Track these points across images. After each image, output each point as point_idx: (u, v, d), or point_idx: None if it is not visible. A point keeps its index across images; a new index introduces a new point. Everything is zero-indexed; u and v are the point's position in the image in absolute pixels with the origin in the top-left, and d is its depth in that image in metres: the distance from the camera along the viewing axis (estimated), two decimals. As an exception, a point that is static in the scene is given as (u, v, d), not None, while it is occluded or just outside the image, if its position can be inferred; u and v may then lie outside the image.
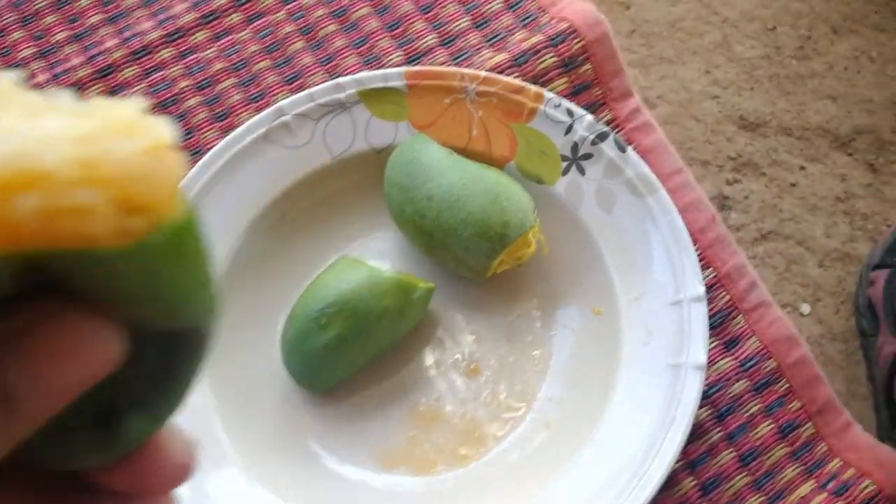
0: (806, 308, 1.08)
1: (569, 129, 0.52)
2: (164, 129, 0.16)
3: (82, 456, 0.21)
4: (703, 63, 1.26)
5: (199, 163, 0.52)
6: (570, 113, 0.52)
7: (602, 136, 0.52)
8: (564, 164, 0.52)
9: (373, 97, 0.54)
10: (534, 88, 0.53)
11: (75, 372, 0.18)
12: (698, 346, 0.46)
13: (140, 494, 0.22)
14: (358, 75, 0.54)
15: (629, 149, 0.51)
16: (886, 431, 0.99)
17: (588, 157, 0.52)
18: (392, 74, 0.54)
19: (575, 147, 0.52)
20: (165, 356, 0.20)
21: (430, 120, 0.54)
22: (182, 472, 0.22)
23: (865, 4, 1.27)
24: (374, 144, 0.54)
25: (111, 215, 0.15)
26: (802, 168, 1.19)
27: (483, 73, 0.54)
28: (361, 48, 0.61)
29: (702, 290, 0.47)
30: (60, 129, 0.15)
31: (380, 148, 0.54)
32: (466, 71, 0.54)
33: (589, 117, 0.52)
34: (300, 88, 0.60)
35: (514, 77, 0.58)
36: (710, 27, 1.29)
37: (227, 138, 0.53)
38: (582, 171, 0.52)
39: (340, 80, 0.54)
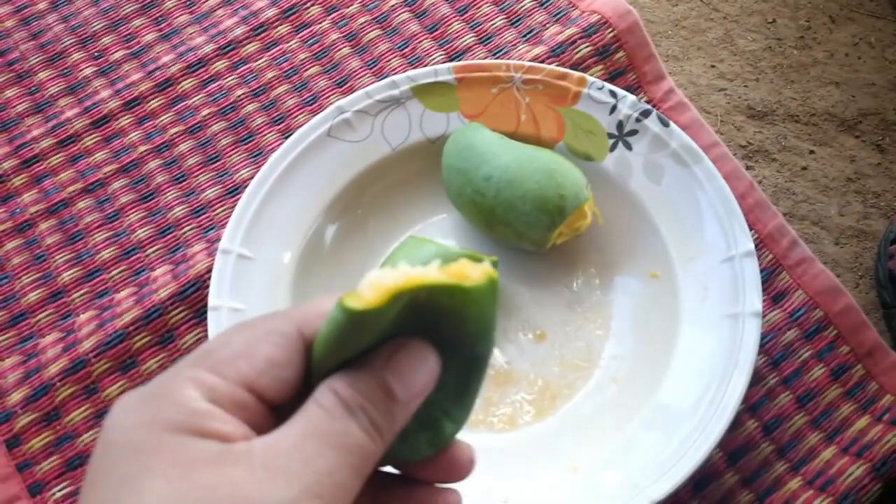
0: (826, 286, 1.11)
1: (613, 109, 0.56)
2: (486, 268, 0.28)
3: (419, 452, 0.31)
4: (708, 58, 1.30)
5: (271, 158, 0.55)
6: (613, 94, 0.56)
7: (645, 114, 0.55)
8: (611, 142, 0.56)
9: (425, 92, 0.58)
10: (577, 74, 0.57)
11: (424, 377, 0.29)
12: (753, 296, 0.49)
13: (443, 481, 0.32)
14: (410, 72, 0.58)
15: (672, 123, 0.55)
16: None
17: (633, 133, 0.55)
18: (442, 69, 0.58)
19: (620, 125, 0.56)
20: (463, 379, 0.31)
21: (479, 109, 0.58)
22: (470, 465, 0.32)
23: (861, -7, 1.31)
24: (428, 135, 0.58)
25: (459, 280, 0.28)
26: (812, 152, 1.22)
27: (528, 63, 0.57)
28: (405, 50, 0.65)
29: (751, 245, 0.51)
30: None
31: (434, 138, 0.58)
32: (511, 62, 0.58)
33: (631, 97, 0.56)
34: (350, 91, 0.63)
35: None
36: (712, 24, 1.33)
37: (293, 136, 0.57)
38: (629, 147, 0.55)
39: (395, 77, 0.58)
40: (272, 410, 0.29)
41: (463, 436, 0.51)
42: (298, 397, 0.29)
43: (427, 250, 0.52)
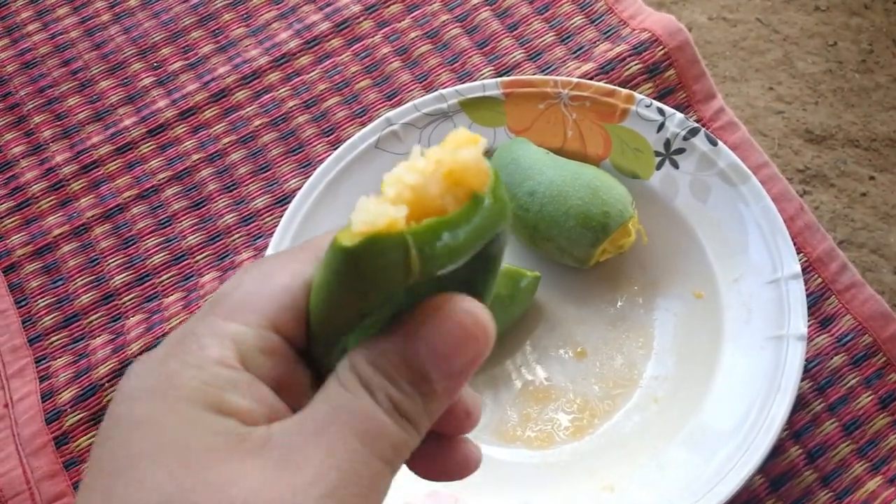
0: (883, 315, 1.08)
1: (661, 127, 0.56)
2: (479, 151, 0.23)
3: None
4: (767, 80, 1.29)
5: (319, 168, 0.56)
6: (661, 112, 0.56)
7: (693, 132, 0.55)
8: (658, 160, 0.55)
9: (472, 106, 0.58)
10: (625, 91, 0.57)
11: (470, 352, 0.23)
12: (798, 319, 0.48)
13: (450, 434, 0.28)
14: (458, 87, 0.58)
15: (720, 142, 0.54)
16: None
17: (681, 151, 0.55)
18: (490, 84, 0.58)
19: (667, 143, 0.55)
20: (474, 277, 0.25)
21: (526, 124, 0.58)
22: (474, 419, 0.28)
23: (926, 17, 1.28)
24: (475, 149, 0.58)
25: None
26: (872, 178, 1.20)
27: (575, 80, 0.57)
28: (454, 65, 0.66)
29: (798, 268, 0.50)
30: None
31: (481, 152, 0.58)
32: (559, 78, 0.58)
33: (679, 115, 0.55)
34: (399, 104, 0.64)
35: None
36: (771, 45, 1.31)
37: (342, 147, 0.57)
38: (675, 165, 0.55)
39: (443, 91, 0.58)
40: (302, 355, 0.25)
41: (499, 451, 0.51)
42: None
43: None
